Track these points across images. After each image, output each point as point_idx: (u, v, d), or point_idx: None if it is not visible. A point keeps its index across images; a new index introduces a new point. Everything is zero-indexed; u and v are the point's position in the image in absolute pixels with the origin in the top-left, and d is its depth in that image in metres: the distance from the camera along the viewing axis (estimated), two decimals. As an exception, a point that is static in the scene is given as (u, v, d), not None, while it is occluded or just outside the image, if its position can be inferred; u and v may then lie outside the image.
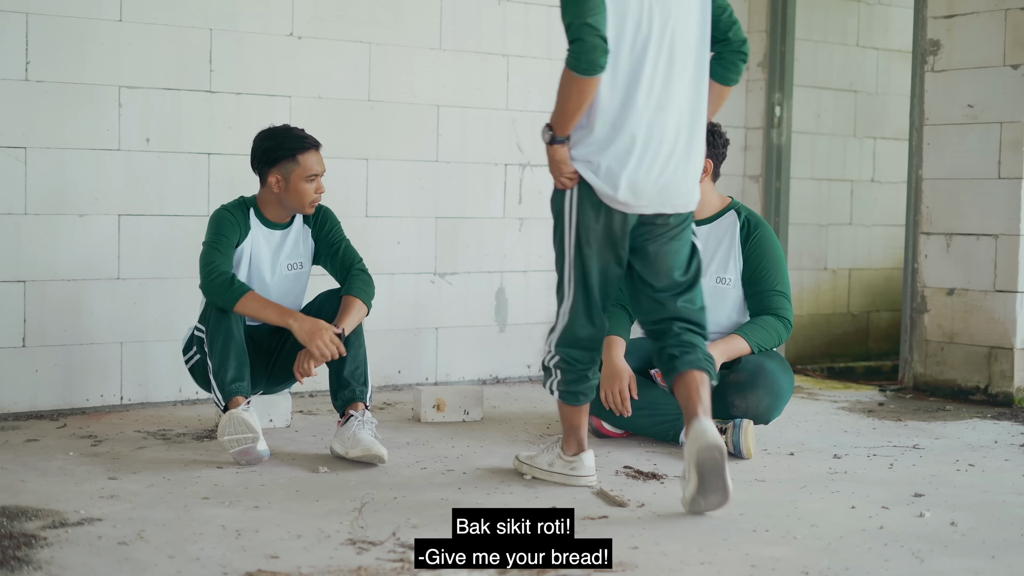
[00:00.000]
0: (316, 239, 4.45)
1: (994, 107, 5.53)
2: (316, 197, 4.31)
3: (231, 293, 4.13)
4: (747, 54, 3.82)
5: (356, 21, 5.49)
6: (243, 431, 3.97)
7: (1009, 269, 5.49)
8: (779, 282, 4.45)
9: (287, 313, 4.16)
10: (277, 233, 4.39)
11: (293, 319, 4.14)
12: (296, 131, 4.32)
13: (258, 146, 4.32)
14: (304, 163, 4.27)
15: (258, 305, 4.15)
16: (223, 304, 4.13)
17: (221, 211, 4.32)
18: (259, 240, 4.34)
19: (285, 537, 3.17)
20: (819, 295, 7.14)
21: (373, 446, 4.01)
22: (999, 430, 4.91)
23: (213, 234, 4.26)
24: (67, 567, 2.90)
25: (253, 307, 4.15)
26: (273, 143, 4.28)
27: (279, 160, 4.26)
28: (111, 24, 4.92)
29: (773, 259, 4.45)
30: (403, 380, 5.69)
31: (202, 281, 4.19)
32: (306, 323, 4.13)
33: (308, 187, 4.28)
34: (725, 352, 4.31)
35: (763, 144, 6.71)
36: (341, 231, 4.47)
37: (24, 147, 4.79)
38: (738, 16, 6.65)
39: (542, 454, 3.91)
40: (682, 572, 2.96)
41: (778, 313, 4.43)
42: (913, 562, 3.07)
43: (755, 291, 4.45)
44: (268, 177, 4.29)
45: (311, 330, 4.12)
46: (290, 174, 4.26)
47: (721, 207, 4.53)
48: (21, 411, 4.82)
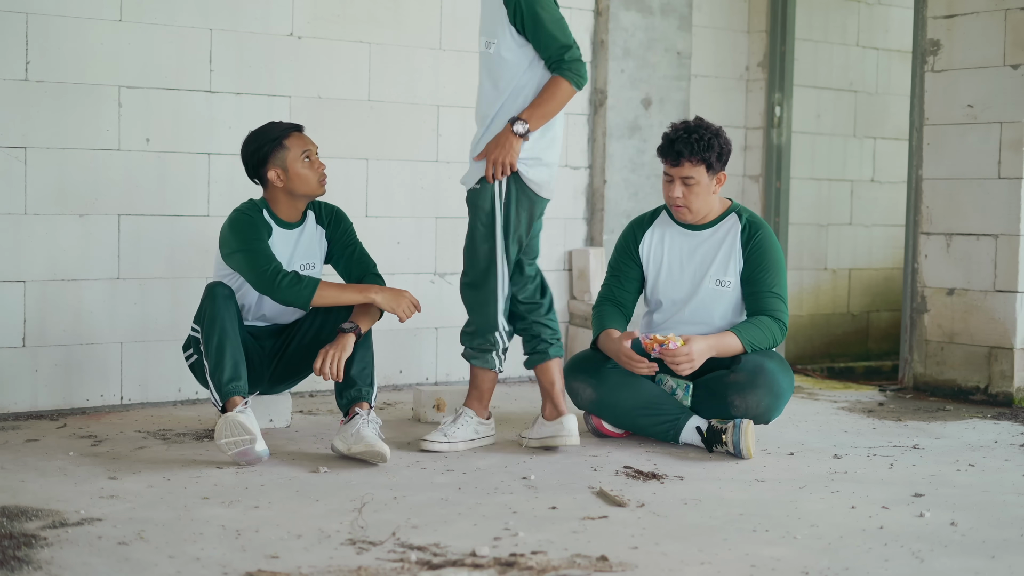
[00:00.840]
0: (330, 240, 4.45)
1: (994, 107, 5.54)
2: (322, 175, 4.31)
3: (304, 289, 4.15)
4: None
5: (356, 21, 5.49)
6: (239, 433, 3.95)
7: (1009, 269, 5.49)
8: (776, 284, 4.45)
9: (366, 288, 4.25)
10: (291, 233, 4.38)
11: (374, 292, 4.23)
12: (273, 123, 4.34)
13: (245, 154, 4.32)
14: (293, 144, 4.27)
15: (335, 291, 4.21)
16: (300, 303, 4.16)
17: (240, 215, 4.27)
18: (276, 240, 4.33)
19: (285, 537, 3.17)
20: (819, 295, 7.15)
21: (376, 444, 4.01)
22: (999, 430, 4.91)
23: (245, 238, 4.20)
24: (67, 567, 2.90)
25: (331, 295, 4.20)
26: (256, 143, 4.29)
27: (269, 154, 4.26)
28: (111, 24, 4.92)
29: (772, 261, 4.45)
30: (403, 380, 5.69)
31: (266, 286, 4.15)
32: (388, 293, 4.24)
33: (308, 167, 4.28)
34: (715, 347, 4.31)
35: (763, 144, 6.71)
36: (355, 234, 4.48)
37: (24, 147, 4.79)
38: (738, 16, 6.68)
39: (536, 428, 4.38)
40: (682, 572, 2.96)
41: (774, 315, 4.42)
42: (913, 562, 3.08)
43: (752, 292, 4.45)
44: (267, 175, 4.28)
45: (394, 296, 4.24)
46: (286, 161, 4.26)
47: (722, 211, 4.53)
48: (21, 411, 4.82)
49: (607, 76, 6.12)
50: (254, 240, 4.20)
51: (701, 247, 4.51)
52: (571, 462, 4.17)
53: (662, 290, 4.54)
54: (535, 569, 2.92)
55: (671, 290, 4.53)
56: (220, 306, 4.16)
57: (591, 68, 6.17)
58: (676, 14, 6.32)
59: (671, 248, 4.54)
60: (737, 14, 6.71)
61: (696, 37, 6.51)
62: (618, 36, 6.14)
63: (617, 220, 6.10)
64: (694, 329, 4.48)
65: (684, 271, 4.51)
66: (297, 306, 4.18)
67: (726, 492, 3.76)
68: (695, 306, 4.49)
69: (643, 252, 4.57)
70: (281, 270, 4.17)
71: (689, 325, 4.50)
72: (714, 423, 4.29)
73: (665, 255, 4.55)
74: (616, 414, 4.47)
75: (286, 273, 4.16)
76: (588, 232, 6.22)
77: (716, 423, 4.29)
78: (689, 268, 4.50)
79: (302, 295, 4.14)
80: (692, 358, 4.23)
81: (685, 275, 4.51)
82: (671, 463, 4.15)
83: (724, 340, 4.34)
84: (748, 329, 4.37)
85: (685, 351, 4.22)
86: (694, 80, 6.53)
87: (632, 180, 6.20)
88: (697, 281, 4.49)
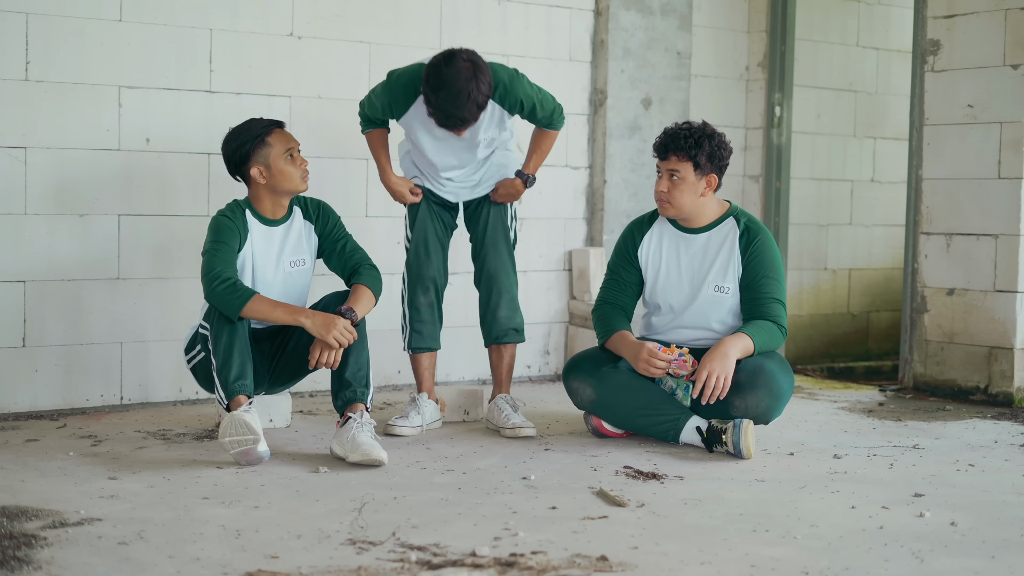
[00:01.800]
0: (320, 235, 4.44)
1: (994, 107, 5.53)
2: (304, 172, 4.31)
3: (236, 299, 4.10)
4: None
5: (356, 21, 5.49)
6: (244, 432, 3.96)
7: (1009, 269, 5.49)
8: (776, 290, 4.44)
9: (297, 311, 4.16)
10: (277, 229, 4.38)
11: (304, 316, 4.14)
12: (253, 120, 4.34)
13: (226, 151, 4.31)
14: (275, 141, 4.27)
15: (267, 307, 4.14)
16: (229, 312, 4.10)
17: (218, 217, 4.30)
18: (259, 239, 4.34)
19: (285, 537, 3.17)
20: (819, 295, 7.15)
21: (372, 450, 4.01)
22: (999, 430, 4.91)
23: (212, 241, 4.23)
24: (67, 567, 2.90)
25: (262, 310, 4.13)
26: (238, 140, 4.29)
27: (251, 151, 4.26)
28: (111, 24, 4.92)
29: (772, 267, 4.44)
30: (403, 380, 5.69)
31: (205, 290, 4.15)
32: (318, 318, 4.14)
33: (291, 164, 4.28)
34: (741, 351, 4.30)
35: (763, 144, 6.71)
36: (343, 227, 4.48)
37: (24, 147, 4.79)
38: (738, 16, 6.67)
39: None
40: (682, 572, 2.96)
41: (776, 320, 4.42)
42: (913, 562, 3.07)
43: (752, 297, 4.44)
44: (250, 172, 4.29)
45: (324, 323, 4.13)
46: (268, 158, 4.27)
47: (720, 213, 4.52)
48: (21, 411, 4.82)
49: (607, 76, 6.13)
50: (219, 244, 4.21)
51: (699, 252, 4.50)
52: (571, 462, 4.17)
53: (660, 294, 4.54)
54: (535, 569, 2.92)
55: (670, 295, 4.52)
56: None
57: (591, 68, 6.17)
58: (676, 14, 6.32)
59: (669, 252, 4.54)
60: (737, 14, 6.71)
61: (696, 37, 6.51)
62: (618, 36, 6.14)
63: (617, 220, 6.10)
64: (692, 334, 4.50)
65: (683, 276, 4.50)
66: (227, 313, 4.11)
67: (726, 492, 3.76)
68: (694, 311, 4.49)
69: (642, 256, 4.56)
70: (224, 275, 4.13)
71: (688, 329, 4.51)
72: (714, 423, 4.29)
73: (663, 259, 4.54)
74: (616, 414, 4.46)
75: (226, 279, 4.12)
76: (588, 232, 6.22)
77: (716, 423, 4.29)
78: (688, 273, 4.50)
79: (232, 304, 4.10)
80: (725, 376, 4.24)
81: (684, 280, 4.50)
82: (671, 463, 4.15)
83: (743, 342, 4.31)
84: (759, 332, 4.35)
85: (718, 374, 4.22)
86: (694, 80, 6.53)
87: (632, 180, 6.20)
88: (696, 287, 4.48)
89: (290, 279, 4.40)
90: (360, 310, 4.23)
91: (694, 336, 4.51)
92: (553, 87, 6.07)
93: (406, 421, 4.59)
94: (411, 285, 4.72)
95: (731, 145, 4.50)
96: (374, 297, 4.32)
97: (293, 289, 4.41)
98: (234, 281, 4.13)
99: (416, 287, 4.71)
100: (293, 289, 4.41)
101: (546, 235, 6.09)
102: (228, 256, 4.20)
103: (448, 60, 4.28)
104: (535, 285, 6.03)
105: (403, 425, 4.57)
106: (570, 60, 6.11)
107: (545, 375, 6.11)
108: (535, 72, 5.96)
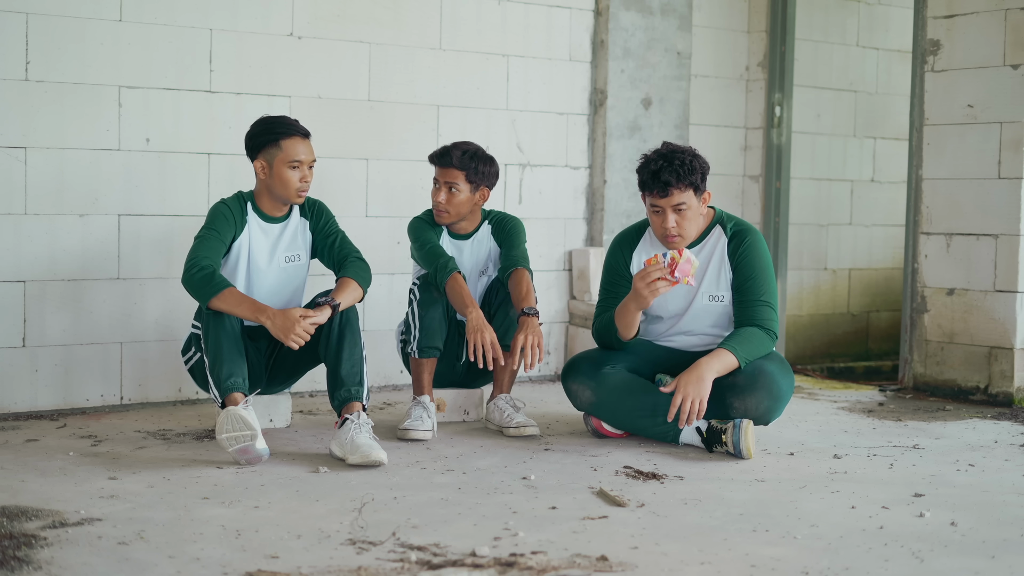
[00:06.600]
0: (314, 231, 4.46)
1: (994, 107, 5.54)
2: (303, 186, 4.31)
3: (208, 288, 4.11)
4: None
5: (356, 21, 5.49)
6: (241, 428, 3.95)
7: (1009, 269, 5.49)
8: (765, 292, 4.43)
9: (260, 310, 4.13)
10: (275, 226, 4.39)
11: (265, 316, 4.12)
12: (287, 119, 4.34)
13: (248, 134, 4.35)
14: (287, 148, 4.27)
15: (234, 300, 4.12)
16: (200, 299, 4.13)
17: (218, 205, 4.33)
18: (256, 233, 4.34)
19: (285, 537, 3.17)
20: (819, 295, 7.15)
21: (372, 451, 4.00)
22: (999, 430, 4.91)
23: (205, 228, 4.27)
24: (67, 567, 2.90)
25: (229, 302, 4.12)
26: (261, 128, 4.31)
27: (263, 145, 4.28)
28: (111, 24, 4.92)
29: (761, 268, 4.43)
30: (403, 380, 5.69)
31: (183, 275, 4.17)
32: (278, 318, 4.12)
33: (292, 174, 4.28)
34: (720, 370, 4.28)
35: (763, 144, 6.71)
36: (336, 224, 4.50)
37: (24, 147, 4.79)
38: (738, 16, 6.67)
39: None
40: (682, 572, 2.96)
41: (763, 324, 4.40)
42: (913, 562, 3.08)
43: (741, 301, 4.43)
44: (254, 164, 4.30)
45: (283, 325, 4.11)
46: (273, 159, 4.27)
47: (706, 224, 4.51)
48: (21, 411, 4.83)
49: (607, 76, 6.12)
50: (210, 232, 4.24)
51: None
52: (571, 462, 4.17)
53: (656, 307, 4.52)
54: (535, 569, 2.92)
55: (665, 307, 4.52)
56: None
57: (591, 68, 6.17)
58: (676, 14, 6.32)
59: None
60: (737, 14, 6.70)
61: (696, 37, 6.51)
62: (618, 36, 6.14)
63: (617, 220, 6.11)
64: (692, 340, 4.52)
65: (677, 289, 4.47)
66: (197, 300, 4.14)
67: (726, 492, 3.76)
68: (689, 319, 4.51)
69: (634, 270, 4.54)
70: (202, 263, 4.14)
71: (686, 336, 4.54)
72: (714, 423, 4.29)
73: None
74: (615, 416, 4.46)
75: (204, 267, 4.14)
76: (588, 232, 6.22)
77: (716, 423, 4.29)
78: (681, 286, 4.48)
79: (203, 292, 4.11)
80: (700, 400, 4.23)
81: (678, 292, 4.48)
82: (671, 463, 4.15)
83: (725, 360, 4.29)
84: (742, 345, 4.32)
85: (693, 397, 4.21)
86: (694, 80, 6.53)
87: (632, 180, 6.19)
88: (690, 298, 4.48)
89: (285, 274, 4.41)
90: (344, 301, 4.24)
91: (694, 342, 4.52)
92: (553, 87, 6.09)
93: (420, 424, 4.51)
94: (423, 289, 4.65)
95: (704, 159, 4.43)
96: (360, 288, 4.33)
97: (288, 285, 4.42)
98: (212, 271, 4.14)
99: (429, 291, 4.64)
100: (288, 285, 4.42)
101: (546, 235, 6.09)
102: (215, 245, 4.22)
103: None
104: (535, 285, 6.02)
105: (418, 428, 4.49)
106: (570, 60, 6.11)
107: (545, 375, 6.12)
108: (535, 72, 5.97)
